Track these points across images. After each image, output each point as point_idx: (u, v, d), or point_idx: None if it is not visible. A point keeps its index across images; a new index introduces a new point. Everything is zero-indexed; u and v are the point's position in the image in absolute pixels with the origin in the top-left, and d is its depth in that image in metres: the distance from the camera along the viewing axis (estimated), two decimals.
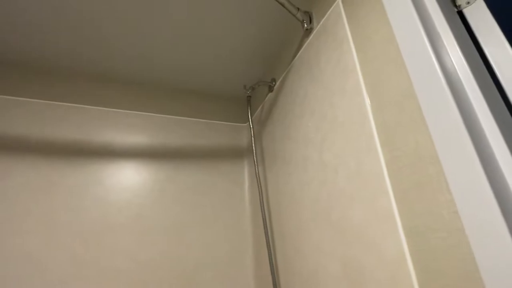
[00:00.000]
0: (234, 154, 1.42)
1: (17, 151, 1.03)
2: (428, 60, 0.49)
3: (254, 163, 1.13)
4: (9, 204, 0.95)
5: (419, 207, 0.48)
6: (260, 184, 1.09)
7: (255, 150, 1.15)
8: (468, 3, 0.54)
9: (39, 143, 1.07)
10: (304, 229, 0.84)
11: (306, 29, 0.94)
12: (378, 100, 0.60)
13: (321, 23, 0.87)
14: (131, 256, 1.02)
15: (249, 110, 1.26)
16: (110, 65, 1.24)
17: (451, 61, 0.48)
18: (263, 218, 1.03)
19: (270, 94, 1.26)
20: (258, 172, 1.11)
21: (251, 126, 1.21)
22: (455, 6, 0.55)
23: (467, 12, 0.54)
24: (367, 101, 0.63)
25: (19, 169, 1.01)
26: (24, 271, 0.89)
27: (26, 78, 1.17)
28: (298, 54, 1.00)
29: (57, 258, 0.93)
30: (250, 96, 1.29)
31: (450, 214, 0.42)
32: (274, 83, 1.23)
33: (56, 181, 1.03)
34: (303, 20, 0.92)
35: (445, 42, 0.50)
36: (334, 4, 0.80)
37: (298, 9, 0.88)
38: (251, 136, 1.19)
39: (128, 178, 1.14)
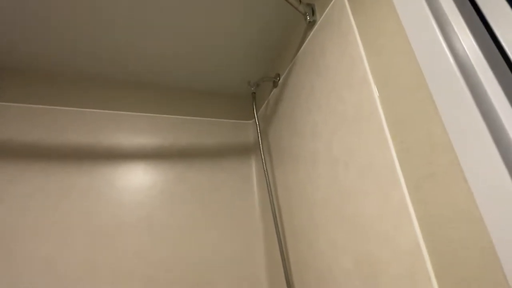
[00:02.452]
0: (241, 151, 1.42)
1: (29, 156, 1.05)
2: (438, 48, 0.47)
3: (262, 160, 1.13)
4: (22, 209, 0.97)
5: (433, 198, 0.47)
6: (269, 181, 1.09)
7: (262, 147, 1.14)
8: None
9: (51, 148, 1.09)
10: (317, 225, 0.84)
11: (309, 22, 0.93)
12: (387, 91, 0.59)
13: (324, 14, 0.85)
14: (142, 257, 1.03)
15: (254, 107, 1.25)
16: (117, 69, 1.25)
17: (463, 47, 0.47)
18: (273, 215, 1.03)
19: (274, 90, 1.25)
20: (266, 169, 1.11)
21: (257, 123, 1.21)
22: None
23: None
24: (376, 93, 0.62)
25: (32, 174, 1.03)
26: (39, 275, 0.91)
27: (35, 85, 1.19)
28: (302, 47, 0.99)
29: (70, 261, 0.95)
30: (254, 93, 1.28)
31: (467, 203, 0.41)
32: (278, 78, 1.22)
33: (68, 185, 1.05)
34: (305, 13, 0.91)
35: (455, 28, 0.48)
36: None
37: (300, 1, 0.87)
38: (257, 132, 1.19)
39: (138, 180, 1.16)
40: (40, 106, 1.15)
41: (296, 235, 0.96)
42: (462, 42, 0.47)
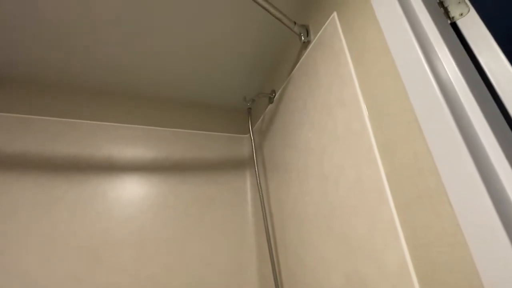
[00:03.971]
0: (235, 165, 1.42)
1: (18, 167, 1.04)
2: (422, 72, 0.49)
3: (256, 174, 1.13)
4: (9, 221, 0.95)
5: (420, 220, 0.47)
6: (262, 196, 1.08)
7: (257, 161, 1.15)
8: (461, 14, 0.54)
9: (41, 159, 1.08)
10: (307, 241, 0.83)
11: (304, 42, 0.96)
12: (376, 111, 0.61)
13: (318, 35, 0.88)
14: (131, 272, 1.01)
15: (249, 122, 1.27)
16: (111, 80, 1.27)
17: (446, 71, 0.48)
18: (266, 229, 1.02)
19: (270, 106, 1.27)
20: (260, 183, 1.11)
21: (252, 138, 1.22)
22: (449, 18, 0.55)
23: (460, 23, 0.54)
24: (365, 113, 0.63)
25: (21, 184, 1.01)
26: None
27: (26, 95, 1.19)
28: (297, 66, 1.01)
29: (54, 276, 0.92)
30: (250, 108, 1.30)
31: (451, 227, 0.41)
32: (274, 94, 1.24)
33: (58, 197, 1.04)
34: (300, 33, 0.94)
35: (439, 54, 0.50)
36: (330, 18, 0.81)
37: (295, 22, 0.90)
38: (252, 147, 1.20)
39: (130, 192, 1.15)
40: (31, 116, 1.15)
41: (288, 250, 0.95)
42: (445, 66, 0.49)
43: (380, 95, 0.60)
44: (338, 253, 0.68)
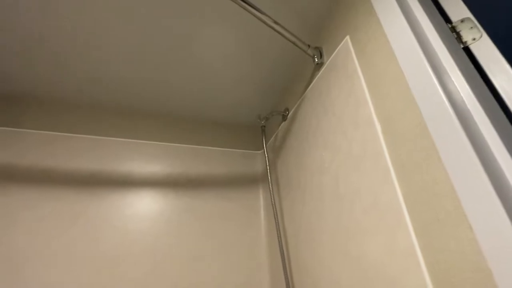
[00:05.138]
0: (249, 182, 1.43)
1: (44, 182, 1.10)
2: (437, 97, 0.50)
3: (270, 191, 1.14)
4: (32, 234, 0.99)
5: (440, 244, 0.47)
6: (276, 213, 1.08)
7: (270, 178, 1.16)
8: (474, 39, 0.56)
9: (64, 174, 1.14)
10: (322, 262, 0.82)
11: (317, 64, 0.99)
12: (392, 134, 0.61)
13: (331, 58, 0.91)
14: (145, 287, 1.02)
15: (263, 139, 1.29)
16: (131, 99, 1.34)
17: (460, 94, 0.49)
18: (280, 248, 1.01)
19: (283, 123, 1.29)
20: (274, 200, 1.11)
21: (266, 155, 1.24)
22: (462, 42, 0.57)
23: (473, 48, 0.56)
24: (381, 135, 0.64)
25: (45, 199, 1.06)
26: None
27: (52, 112, 1.27)
28: (310, 86, 1.04)
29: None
30: (264, 126, 1.33)
31: (473, 252, 0.41)
32: (287, 112, 1.27)
33: (78, 211, 1.08)
34: (313, 55, 0.97)
35: (453, 78, 0.51)
36: (343, 41, 0.85)
37: (309, 46, 0.94)
38: (266, 163, 1.21)
39: (145, 208, 1.18)
40: (56, 133, 1.22)
41: (302, 270, 0.93)
42: (460, 91, 0.50)
43: (396, 119, 0.61)
44: (354, 276, 0.67)
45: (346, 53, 0.82)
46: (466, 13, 0.58)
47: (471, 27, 0.56)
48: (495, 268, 0.37)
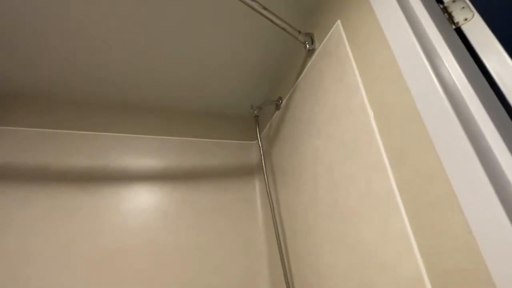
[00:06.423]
0: (245, 172, 1.43)
1: (37, 179, 1.08)
2: (428, 79, 0.49)
3: (265, 181, 1.14)
4: (29, 233, 0.98)
5: (433, 228, 0.47)
6: (272, 203, 1.09)
7: (265, 168, 1.16)
8: (466, 19, 0.54)
9: (59, 171, 1.12)
10: (319, 249, 0.83)
11: (309, 50, 0.97)
12: (383, 119, 0.61)
13: (322, 44, 0.89)
14: (144, 281, 1.02)
15: (257, 129, 1.28)
16: (123, 93, 1.31)
17: (452, 78, 0.49)
18: (277, 237, 1.02)
19: (277, 112, 1.28)
20: (269, 190, 1.11)
21: (260, 145, 1.23)
22: (453, 23, 0.56)
23: (465, 28, 0.55)
24: (373, 121, 0.64)
25: (39, 197, 1.05)
26: None
27: (43, 109, 1.24)
28: (302, 73, 1.03)
29: (72, 284, 0.95)
30: (257, 116, 1.32)
31: (464, 235, 0.41)
32: (280, 101, 1.25)
33: (74, 208, 1.07)
34: (305, 42, 0.95)
35: (444, 60, 0.50)
36: (334, 26, 0.83)
37: (300, 32, 0.91)
38: (261, 154, 1.21)
39: (142, 202, 1.17)
40: (48, 130, 1.19)
41: (300, 258, 0.94)
42: (451, 73, 0.49)
43: (388, 104, 0.60)
44: (350, 262, 0.68)
45: (337, 38, 0.80)
46: None
47: (463, 7, 0.55)
48: (485, 250, 0.38)
